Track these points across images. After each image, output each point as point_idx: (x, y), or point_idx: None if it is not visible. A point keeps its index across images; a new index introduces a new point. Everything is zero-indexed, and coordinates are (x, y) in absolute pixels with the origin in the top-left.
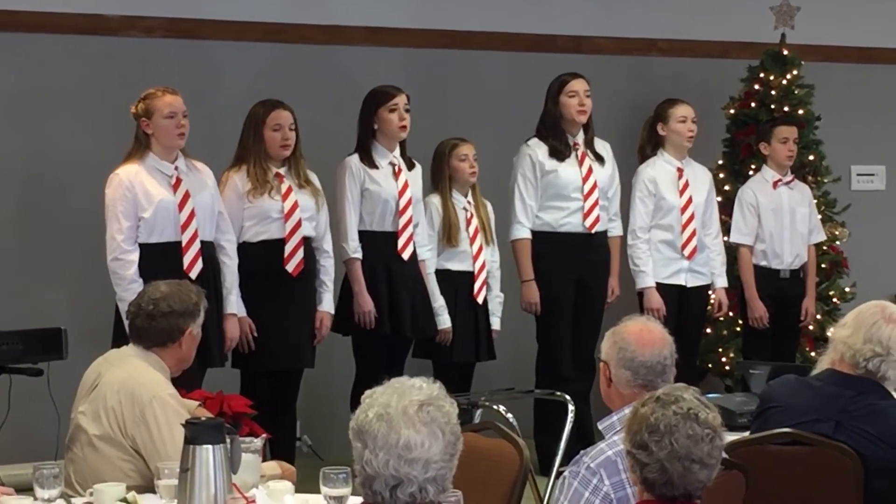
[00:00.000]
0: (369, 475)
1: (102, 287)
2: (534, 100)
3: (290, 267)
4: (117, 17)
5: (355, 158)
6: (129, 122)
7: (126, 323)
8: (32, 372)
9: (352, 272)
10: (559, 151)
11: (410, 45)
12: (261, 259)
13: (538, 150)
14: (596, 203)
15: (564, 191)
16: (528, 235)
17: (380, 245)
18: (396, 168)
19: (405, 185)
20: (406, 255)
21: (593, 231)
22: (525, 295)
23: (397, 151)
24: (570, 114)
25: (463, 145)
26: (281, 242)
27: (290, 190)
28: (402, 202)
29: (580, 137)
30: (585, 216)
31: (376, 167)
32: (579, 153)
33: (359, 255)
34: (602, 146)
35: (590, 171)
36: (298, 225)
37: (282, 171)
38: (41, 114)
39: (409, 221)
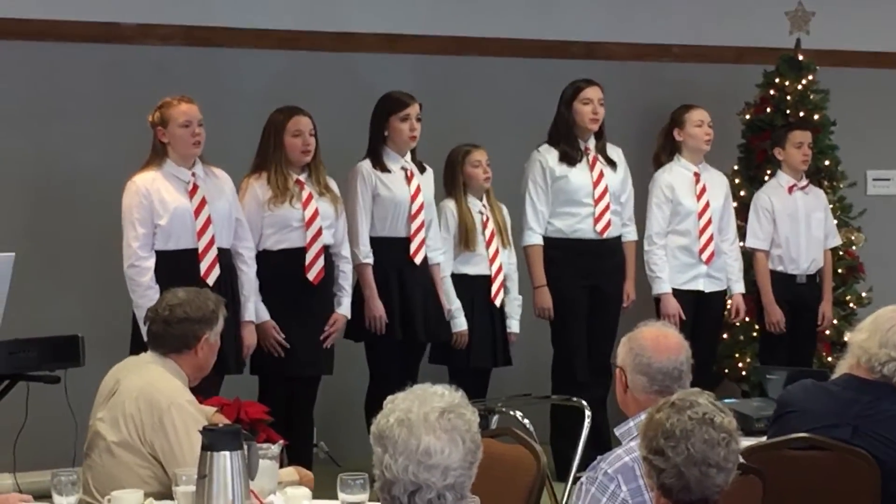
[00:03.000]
0: (388, 480)
1: (119, 294)
2: (546, 106)
3: (311, 275)
4: (132, 26)
5: (367, 164)
6: (143, 131)
7: (143, 329)
8: (49, 379)
9: (363, 277)
10: (570, 156)
11: (423, 51)
12: (281, 267)
13: (548, 155)
14: (607, 207)
15: (576, 196)
16: (540, 242)
17: (392, 251)
18: (409, 172)
19: (417, 189)
20: (418, 260)
21: (605, 236)
22: (538, 301)
23: (408, 156)
24: (583, 121)
25: (476, 151)
26: (302, 251)
27: (310, 197)
28: (415, 206)
29: (591, 142)
30: (596, 221)
31: (388, 171)
32: (590, 158)
33: (370, 260)
34: (614, 151)
35: (601, 175)
36: (319, 233)
37: (302, 177)
38: (57, 122)
39: (422, 226)
